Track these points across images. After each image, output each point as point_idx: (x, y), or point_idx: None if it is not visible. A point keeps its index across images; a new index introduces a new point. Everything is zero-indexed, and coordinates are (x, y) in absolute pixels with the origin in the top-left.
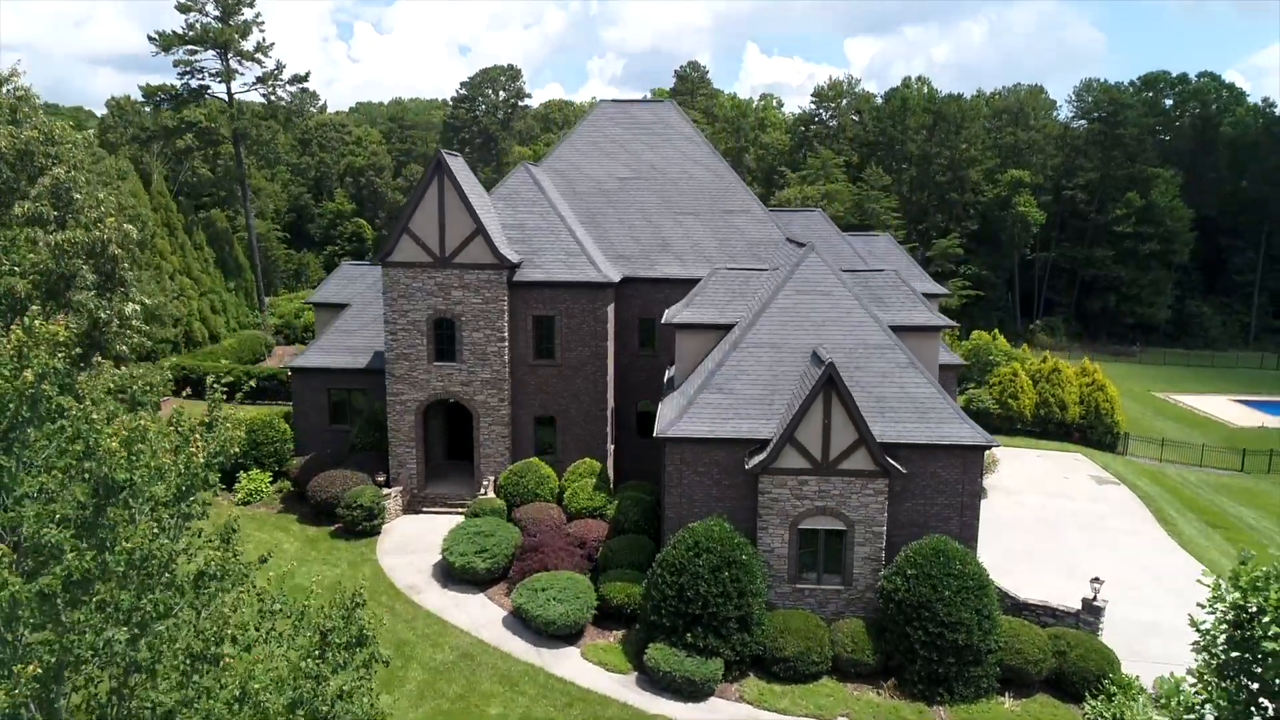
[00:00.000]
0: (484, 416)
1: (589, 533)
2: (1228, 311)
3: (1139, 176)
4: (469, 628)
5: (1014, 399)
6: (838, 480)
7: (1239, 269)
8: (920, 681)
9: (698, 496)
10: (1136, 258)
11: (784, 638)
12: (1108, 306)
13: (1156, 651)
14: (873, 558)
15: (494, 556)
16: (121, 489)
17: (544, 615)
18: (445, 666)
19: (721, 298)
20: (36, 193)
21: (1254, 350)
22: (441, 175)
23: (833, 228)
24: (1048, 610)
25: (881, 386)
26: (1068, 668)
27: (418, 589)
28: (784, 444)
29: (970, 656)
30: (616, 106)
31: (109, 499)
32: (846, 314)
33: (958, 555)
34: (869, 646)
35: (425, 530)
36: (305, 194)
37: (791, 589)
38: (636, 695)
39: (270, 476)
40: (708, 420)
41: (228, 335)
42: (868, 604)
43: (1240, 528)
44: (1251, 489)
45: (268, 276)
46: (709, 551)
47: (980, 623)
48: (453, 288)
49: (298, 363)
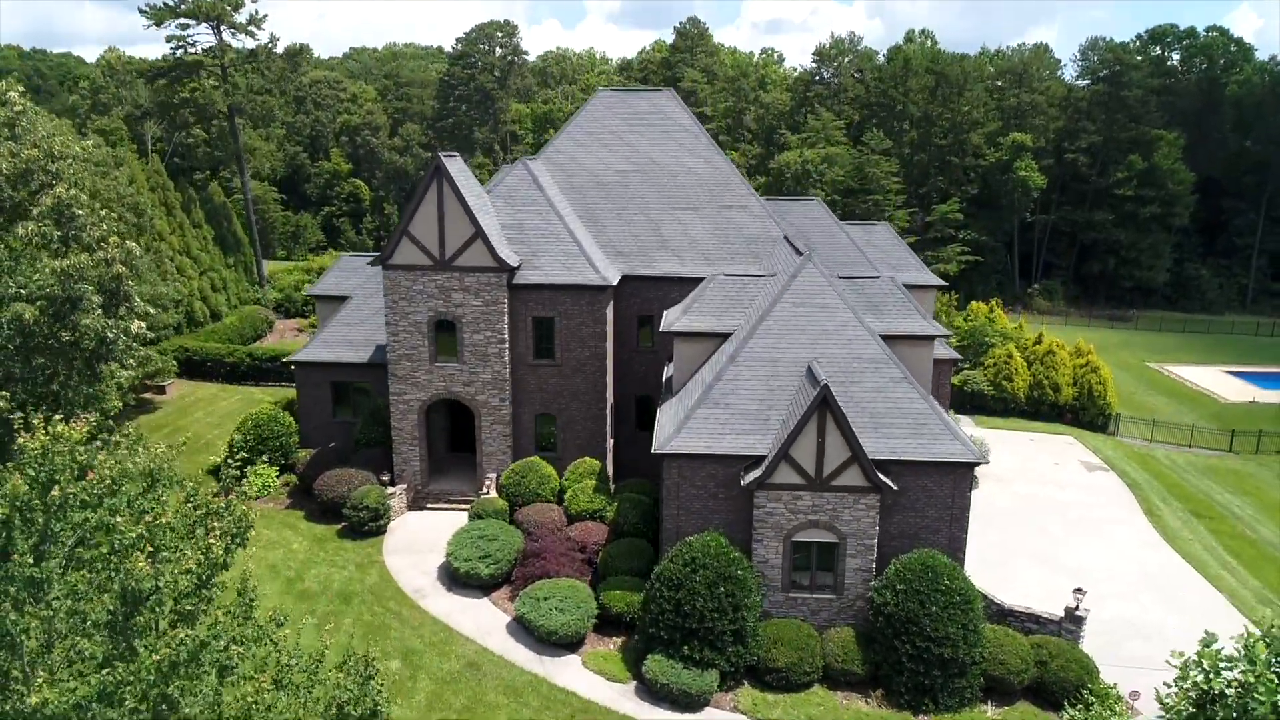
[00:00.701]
0: (486, 415)
1: (589, 536)
2: (1226, 274)
3: (1142, 139)
4: (474, 635)
5: (1008, 381)
6: (831, 495)
7: (1239, 231)
8: (907, 692)
9: (695, 508)
10: (1136, 221)
11: (777, 649)
12: (1106, 270)
13: (1136, 653)
14: (864, 569)
15: (497, 562)
16: (148, 596)
17: (546, 625)
18: (452, 677)
19: (719, 304)
20: (39, 211)
21: (1251, 315)
22: (440, 179)
23: (831, 218)
24: (1032, 617)
25: (875, 401)
26: (1048, 677)
27: (424, 593)
28: (779, 461)
29: (955, 669)
30: (615, 96)
31: (136, 607)
32: (842, 327)
33: (945, 570)
34: (858, 657)
35: (429, 527)
36: (301, 153)
37: (785, 597)
38: (635, 705)
39: (276, 471)
40: (705, 436)
41: (229, 312)
42: (858, 612)
43: (1225, 516)
44: (1239, 471)
45: (265, 239)
46: (705, 567)
47: (965, 636)
48: (453, 290)
49: (300, 356)
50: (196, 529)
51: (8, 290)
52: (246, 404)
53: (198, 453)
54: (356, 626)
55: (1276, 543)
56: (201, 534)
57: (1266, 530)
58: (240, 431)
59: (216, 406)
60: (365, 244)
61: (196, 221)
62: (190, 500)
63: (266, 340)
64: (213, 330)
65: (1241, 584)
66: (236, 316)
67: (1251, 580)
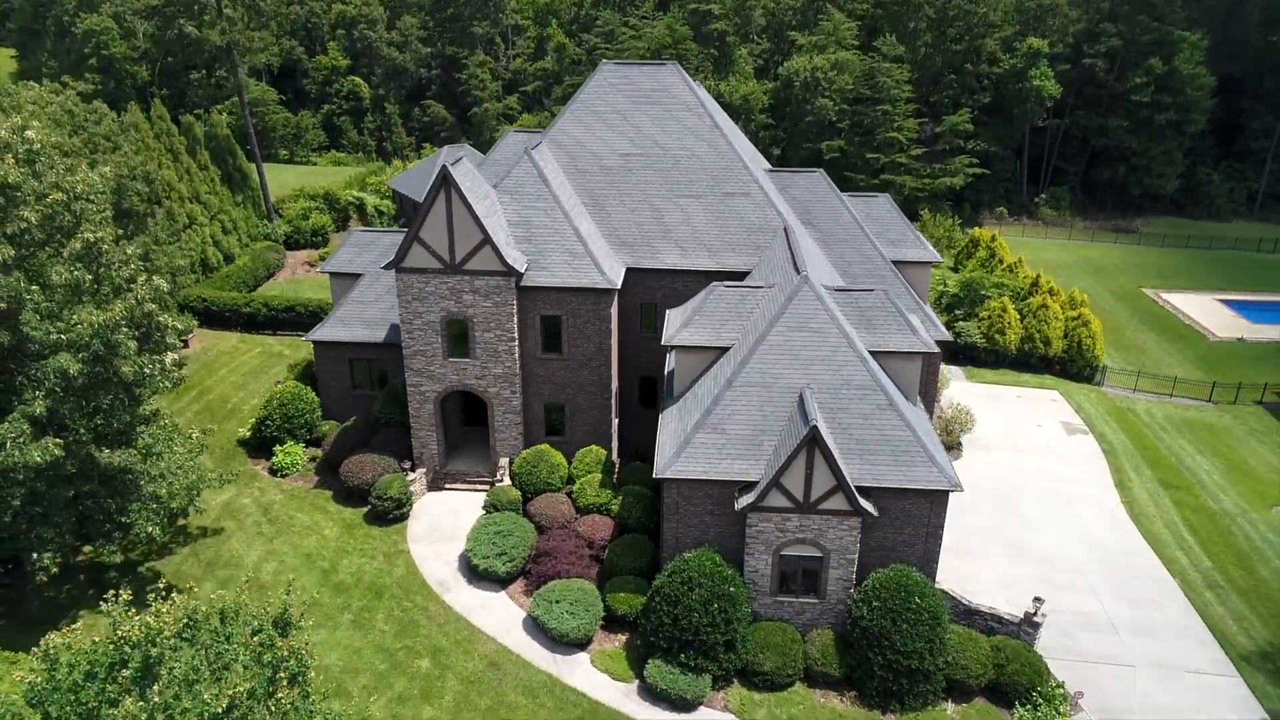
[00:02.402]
0: (498, 406)
1: (596, 532)
2: (1238, 178)
3: (1164, 40)
4: (494, 632)
5: (1000, 334)
6: (817, 517)
7: (1255, 134)
8: (877, 695)
9: (693, 523)
10: (1151, 128)
11: (763, 654)
12: (1116, 176)
13: (1088, 647)
14: (845, 579)
15: (512, 560)
16: None
17: (559, 629)
18: (476, 676)
19: (719, 317)
20: (68, 253)
21: (1258, 222)
22: (448, 189)
23: (833, 191)
24: (995, 617)
25: (862, 428)
26: (1004, 680)
27: (447, 586)
28: (770, 488)
29: (920, 676)
30: (618, 71)
31: None
32: (834, 352)
33: (917, 589)
34: (836, 660)
35: (449, 511)
36: (297, 47)
37: (773, 601)
38: (637, 706)
39: (303, 448)
40: (702, 461)
41: (241, 252)
42: (838, 615)
43: (1192, 484)
44: (1214, 425)
45: (266, 142)
46: (700, 586)
47: (931, 649)
48: (464, 292)
49: (318, 336)
50: (272, 689)
51: (48, 336)
52: (266, 359)
53: (226, 419)
54: (389, 624)
55: (1233, 513)
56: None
57: (1228, 499)
58: (266, 409)
59: (238, 362)
60: (367, 144)
61: (203, 163)
62: (260, 642)
63: (279, 277)
64: (227, 275)
65: (1194, 565)
66: (248, 256)
67: (1204, 560)
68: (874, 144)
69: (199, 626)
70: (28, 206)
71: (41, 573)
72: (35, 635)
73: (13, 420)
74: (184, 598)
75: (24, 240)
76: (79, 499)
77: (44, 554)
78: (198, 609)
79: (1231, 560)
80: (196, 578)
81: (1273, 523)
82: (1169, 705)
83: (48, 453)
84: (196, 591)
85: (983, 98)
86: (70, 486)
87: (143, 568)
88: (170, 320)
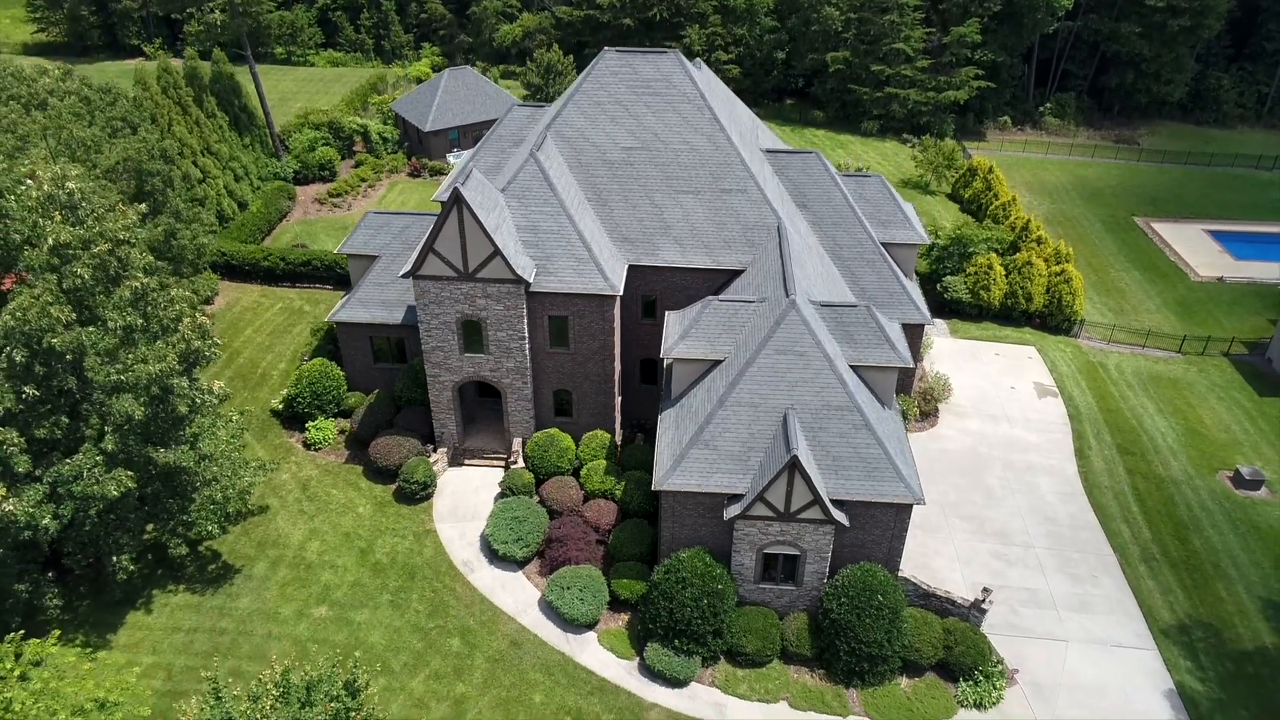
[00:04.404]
0: (511, 394)
1: (601, 517)
2: (1248, 81)
3: None
4: (514, 613)
5: (985, 290)
6: (796, 524)
7: (1270, 34)
8: (842, 673)
9: (687, 524)
10: (1164, 33)
11: (746, 637)
12: (1124, 83)
13: (1030, 624)
14: (819, 572)
15: (528, 545)
16: None
17: (570, 613)
18: (500, 655)
19: (713, 331)
20: (117, 300)
21: (1264, 130)
22: (460, 208)
23: (829, 172)
24: (949, 600)
25: (839, 446)
26: (952, 659)
27: (471, 566)
28: (755, 501)
29: (880, 660)
30: (620, 59)
31: None
32: (816, 375)
33: (881, 587)
34: (808, 642)
35: (470, 489)
36: None
37: (756, 587)
38: (637, 683)
39: (333, 421)
40: (696, 475)
41: (253, 196)
42: (812, 600)
43: (1148, 450)
44: (1178, 380)
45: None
46: (691, 584)
47: (890, 639)
48: (477, 297)
49: (340, 317)
50: None
51: (108, 378)
52: (289, 316)
53: (257, 386)
54: (422, 604)
55: (1180, 480)
56: None
57: (1177, 465)
58: (296, 388)
59: (262, 320)
60: (365, 42)
61: (209, 110)
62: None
63: (291, 217)
64: (241, 223)
65: (1136, 537)
66: (260, 201)
67: (1145, 532)
68: (879, 54)
69: (290, 698)
70: (79, 262)
71: (121, 572)
72: (119, 614)
73: (87, 451)
74: (276, 667)
75: (80, 293)
76: (144, 501)
77: (122, 556)
78: (289, 678)
79: (1169, 531)
80: (250, 557)
81: (1214, 489)
82: (1091, 678)
83: (121, 485)
84: (260, 581)
85: (993, 5)
86: (137, 487)
87: (202, 547)
88: (206, 347)
